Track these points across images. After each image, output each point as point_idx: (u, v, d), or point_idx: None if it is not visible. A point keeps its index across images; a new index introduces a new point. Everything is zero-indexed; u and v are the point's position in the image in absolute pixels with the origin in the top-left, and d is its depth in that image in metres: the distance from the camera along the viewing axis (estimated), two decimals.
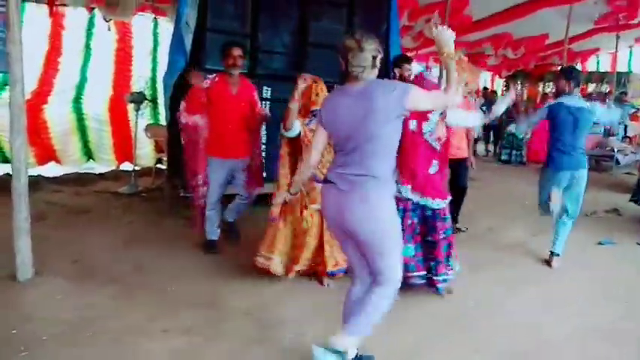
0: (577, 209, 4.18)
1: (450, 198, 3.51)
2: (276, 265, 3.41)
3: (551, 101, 4.37)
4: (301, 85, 3.33)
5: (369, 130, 2.20)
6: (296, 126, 3.32)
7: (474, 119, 3.94)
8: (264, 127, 5.21)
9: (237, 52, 3.97)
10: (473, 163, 5.22)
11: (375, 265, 2.36)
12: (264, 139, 5.22)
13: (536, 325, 3.18)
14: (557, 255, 4.25)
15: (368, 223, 2.25)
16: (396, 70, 4.38)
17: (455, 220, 4.84)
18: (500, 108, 4.01)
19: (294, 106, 3.26)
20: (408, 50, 11.29)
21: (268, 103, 5.22)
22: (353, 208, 2.24)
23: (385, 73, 6.20)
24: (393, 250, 2.36)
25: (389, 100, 2.19)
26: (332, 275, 3.50)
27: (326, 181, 2.37)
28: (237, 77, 4.08)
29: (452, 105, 2.47)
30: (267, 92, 5.23)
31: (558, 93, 4.34)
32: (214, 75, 4.11)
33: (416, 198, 3.35)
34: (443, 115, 3.43)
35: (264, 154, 5.24)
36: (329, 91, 3.25)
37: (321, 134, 2.42)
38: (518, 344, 2.95)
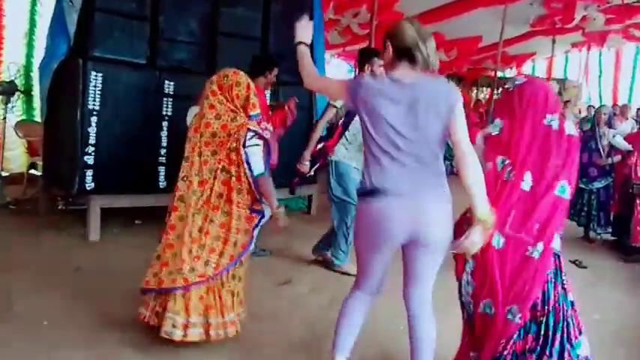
0: None
1: None
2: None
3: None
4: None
5: None
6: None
7: None
8: (165, 129, 5.12)
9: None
10: None
11: None
12: (164, 142, 5.10)
13: None
14: None
15: None
16: (367, 67, 4.22)
17: None
18: None
19: None
20: (334, 47, 11.54)
21: (171, 100, 5.12)
22: None
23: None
24: None
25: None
26: None
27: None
28: None
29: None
30: (169, 87, 5.10)
31: None
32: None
33: None
34: None
35: (163, 159, 5.14)
36: None
37: None
38: None
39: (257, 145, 2.90)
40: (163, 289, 2.89)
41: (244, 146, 2.86)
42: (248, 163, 2.88)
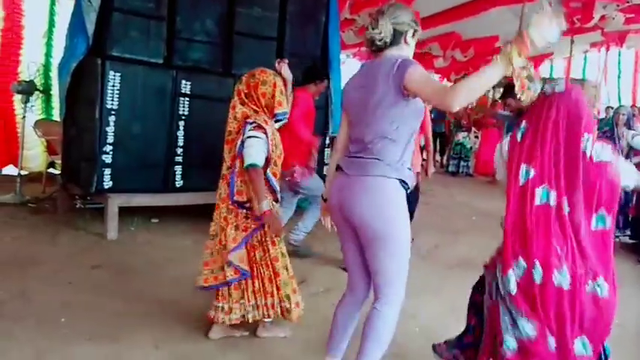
0: None
1: None
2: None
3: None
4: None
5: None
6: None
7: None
8: (182, 128, 5.17)
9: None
10: (428, 172, 5.27)
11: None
12: (181, 142, 5.15)
13: None
14: None
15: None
16: None
17: None
18: None
19: None
20: (350, 47, 11.52)
21: (187, 99, 5.15)
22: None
23: (324, 70, 6.31)
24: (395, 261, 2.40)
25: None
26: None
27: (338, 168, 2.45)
28: None
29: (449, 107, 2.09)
30: (185, 87, 5.13)
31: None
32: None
33: None
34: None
35: (180, 158, 5.18)
36: None
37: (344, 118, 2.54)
38: None
39: (255, 137, 2.86)
40: (243, 276, 2.99)
41: (243, 140, 2.88)
42: (241, 155, 2.89)
